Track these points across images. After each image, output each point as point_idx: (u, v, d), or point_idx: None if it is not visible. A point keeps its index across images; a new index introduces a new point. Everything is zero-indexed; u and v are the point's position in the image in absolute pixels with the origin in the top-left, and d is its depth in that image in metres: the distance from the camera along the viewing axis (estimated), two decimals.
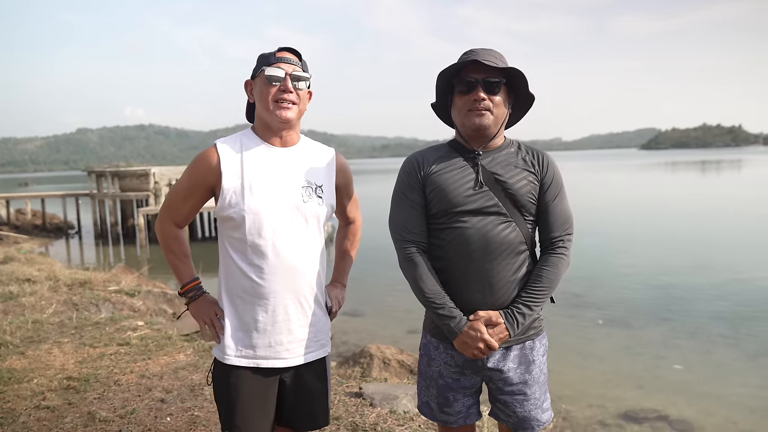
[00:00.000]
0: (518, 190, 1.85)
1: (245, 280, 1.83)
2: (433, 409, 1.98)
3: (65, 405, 3.73)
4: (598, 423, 6.10)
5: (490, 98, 1.84)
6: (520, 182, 1.87)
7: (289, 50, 1.86)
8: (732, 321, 9.85)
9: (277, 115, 1.82)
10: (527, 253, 1.89)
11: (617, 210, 26.73)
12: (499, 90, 1.85)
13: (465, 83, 1.85)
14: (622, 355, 8.47)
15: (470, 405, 1.97)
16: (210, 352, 4.84)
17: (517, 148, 1.96)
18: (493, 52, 1.88)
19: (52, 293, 6.88)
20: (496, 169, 1.88)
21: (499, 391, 1.92)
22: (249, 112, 1.98)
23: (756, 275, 13.03)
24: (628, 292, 12.16)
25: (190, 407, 3.71)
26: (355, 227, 2.22)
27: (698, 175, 63.64)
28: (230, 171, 1.81)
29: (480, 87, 1.83)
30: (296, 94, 1.83)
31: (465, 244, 1.84)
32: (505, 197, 1.85)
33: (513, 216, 1.85)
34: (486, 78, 1.84)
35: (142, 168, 30.98)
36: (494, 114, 1.86)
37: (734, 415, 6.36)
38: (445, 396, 1.94)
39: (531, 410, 1.90)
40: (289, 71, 1.81)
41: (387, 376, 4.94)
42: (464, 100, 1.87)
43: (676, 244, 17.67)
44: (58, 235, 30.12)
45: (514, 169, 1.88)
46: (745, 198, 32.63)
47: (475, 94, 1.84)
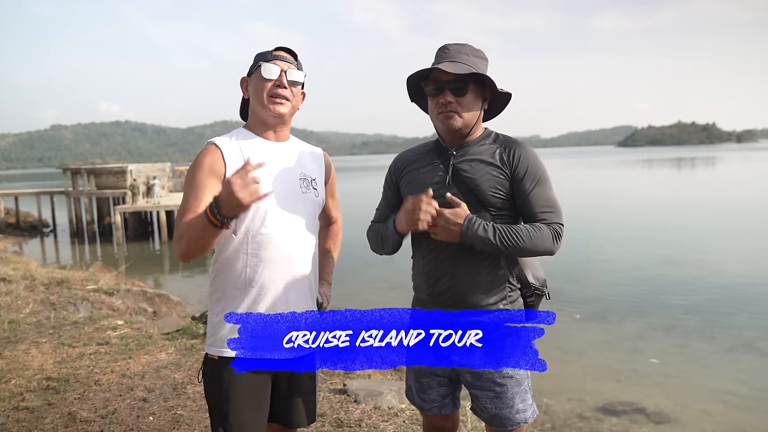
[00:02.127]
0: (480, 185, 1.84)
1: (244, 270, 1.81)
2: (414, 393, 2.05)
3: (45, 406, 3.68)
4: (578, 416, 6.20)
5: (458, 100, 1.84)
6: (483, 177, 1.85)
7: (286, 50, 1.91)
8: (707, 315, 10.08)
9: (271, 109, 1.85)
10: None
11: (594, 206, 27.07)
12: (467, 91, 1.84)
13: (433, 87, 1.86)
14: (600, 350, 8.61)
15: (445, 395, 2.00)
16: (192, 351, 4.81)
17: (493, 140, 1.93)
18: (465, 48, 1.88)
19: (28, 292, 6.77)
20: (464, 166, 1.88)
21: (470, 385, 1.94)
22: (243, 108, 2.00)
23: (730, 270, 13.33)
24: (606, 287, 12.35)
25: (173, 406, 3.68)
26: (336, 227, 2.26)
27: (674, 172, 64.74)
28: (233, 161, 1.81)
29: (447, 90, 1.83)
30: (290, 90, 1.87)
31: (434, 240, 1.85)
32: (469, 192, 1.85)
33: (478, 212, 1.84)
34: (452, 80, 1.82)
35: (119, 165, 30.58)
36: (463, 115, 1.85)
37: (709, 407, 6.52)
38: (420, 381, 2.00)
39: (502, 408, 1.89)
40: (285, 68, 1.86)
41: (371, 372, 4.95)
42: (434, 102, 1.88)
43: (652, 240, 17.98)
44: (33, 234, 29.59)
45: (479, 165, 1.87)
46: (718, 194, 33.29)
47: (443, 97, 1.84)
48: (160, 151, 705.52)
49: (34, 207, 31.28)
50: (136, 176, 29.09)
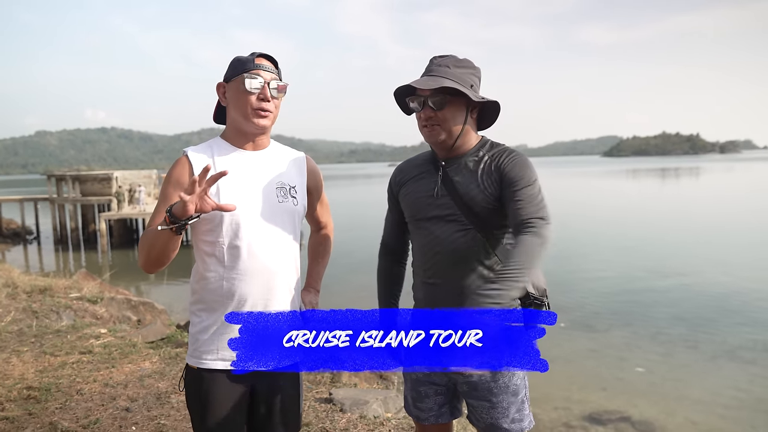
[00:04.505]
0: (474, 197, 1.85)
1: (221, 282, 1.81)
2: (410, 403, 2.04)
3: (25, 416, 3.62)
4: (564, 425, 6.22)
5: (438, 114, 1.85)
6: (475, 189, 1.86)
7: (267, 57, 1.85)
8: (691, 324, 10.17)
9: (255, 123, 1.81)
10: (492, 259, 1.89)
11: (580, 216, 27.26)
12: (446, 104, 1.85)
13: (415, 102, 1.89)
14: (587, 358, 8.65)
15: (442, 404, 1.99)
16: (176, 359, 4.76)
17: (487, 149, 1.93)
18: (447, 60, 1.89)
19: (10, 300, 6.67)
20: (456, 177, 1.89)
21: (466, 395, 1.94)
22: (218, 113, 1.96)
23: (713, 279, 13.47)
24: (592, 296, 12.43)
25: (157, 416, 3.64)
26: (326, 231, 2.22)
27: (658, 182, 65.40)
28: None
29: (427, 105, 1.86)
30: (273, 102, 1.83)
31: (430, 250, 1.89)
32: (463, 204, 1.87)
33: (473, 223, 1.86)
34: (430, 95, 1.85)
35: (104, 172, 30.35)
36: (445, 128, 1.87)
37: (694, 415, 6.56)
38: (417, 390, 1.99)
39: (498, 419, 1.89)
40: (268, 79, 1.81)
41: (357, 381, 4.93)
42: (418, 116, 1.92)
43: (638, 249, 18.14)
44: (16, 241, 29.21)
45: (471, 176, 1.88)
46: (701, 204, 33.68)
47: (423, 111, 1.87)
48: (146, 158, 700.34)
49: (17, 214, 30.88)
50: (121, 183, 28.86)
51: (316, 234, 2.22)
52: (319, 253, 2.20)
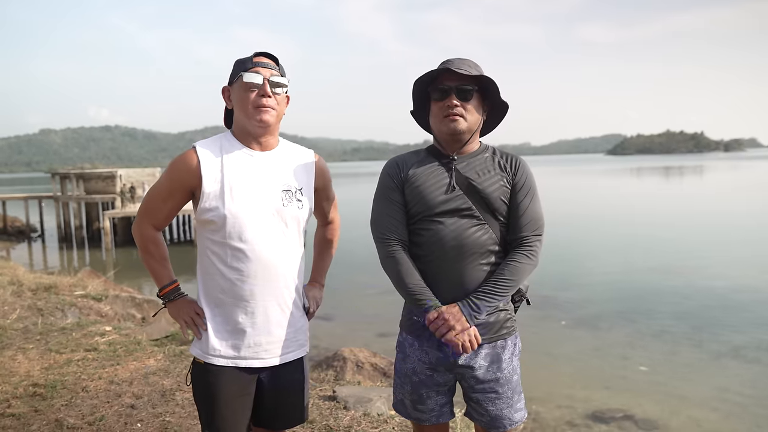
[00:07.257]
0: (491, 194, 1.92)
1: (225, 282, 1.83)
2: (407, 406, 2.03)
3: (31, 412, 3.65)
4: (567, 423, 6.21)
5: (463, 105, 1.92)
6: (492, 186, 1.93)
7: (266, 55, 1.86)
8: (695, 322, 10.14)
9: (257, 119, 1.82)
10: (501, 254, 1.95)
11: (584, 213, 27.22)
12: (472, 97, 1.93)
13: (439, 90, 1.94)
14: (590, 356, 8.64)
15: (443, 404, 2.01)
16: (181, 357, 4.78)
17: (492, 153, 2.03)
18: (467, 61, 1.96)
19: (15, 298, 6.70)
20: (470, 174, 1.94)
21: (471, 389, 1.96)
22: (227, 118, 1.98)
23: (718, 277, 13.43)
24: (595, 294, 12.41)
25: (162, 413, 3.66)
26: (333, 227, 2.23)
27: (662, 180, 65.21)
28: (210, 174, 1.81)
29: (453, 94, 1.91)
30: (275, 98, 1.84)
31: (439, 244, 1.90)
32: (479, 200, 1.92)
33: (486, 218, 1.92)
34: (459, 85, 1.91)
35: (108, 170, 30.38)
36: (467, 120, 1.93)
37: (697, 415, 6.55)
38: (419, 393, 1.99)
39: (503, 408, 1.94)
40: (267, 76, 1.82)
41: (360, 379, 4.95)
42: (439, 106, 1.95)
43: (641, 247, 18.09)
44: (20, 239, 29.31)
45: (487, 173, 1.95)
46: (705, 202, 33.59)
47: (449, 100, 1.91)
48: (150, 156, 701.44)
49: (22, 212, 30.97)
50: (125, 181, 28.92)
51: (322, 228, 2.23)
52: (324, 248, 2.22)
